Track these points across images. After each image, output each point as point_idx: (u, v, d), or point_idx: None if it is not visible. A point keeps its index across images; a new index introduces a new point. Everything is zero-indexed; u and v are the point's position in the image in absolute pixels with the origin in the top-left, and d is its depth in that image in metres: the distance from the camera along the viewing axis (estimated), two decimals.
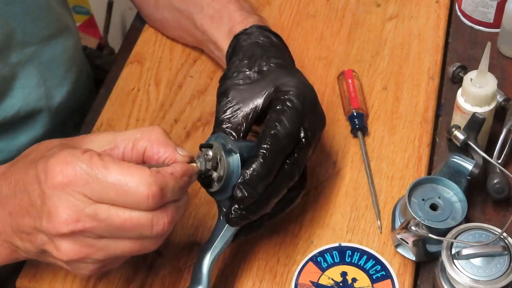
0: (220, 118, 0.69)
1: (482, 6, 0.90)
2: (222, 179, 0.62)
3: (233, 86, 0.71)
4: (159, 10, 0.90)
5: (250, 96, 0.70)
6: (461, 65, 0.86)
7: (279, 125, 0.65)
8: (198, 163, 0.61)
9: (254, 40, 0.74)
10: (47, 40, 0.85)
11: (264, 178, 0.63)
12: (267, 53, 0.73)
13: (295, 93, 0.67)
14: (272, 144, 0.64)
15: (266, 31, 0.75)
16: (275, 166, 0.64)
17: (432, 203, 0.71)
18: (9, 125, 0.83)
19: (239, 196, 0.62)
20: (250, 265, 0.72)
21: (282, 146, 0.65)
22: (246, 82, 0.71)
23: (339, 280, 0.70)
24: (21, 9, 0.80)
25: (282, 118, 0.65)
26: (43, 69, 0.85)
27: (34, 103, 0.84)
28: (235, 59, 0.73)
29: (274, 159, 0.64)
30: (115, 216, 0.56)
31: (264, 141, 0.64)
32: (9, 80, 0.81)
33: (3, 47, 0.79)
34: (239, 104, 0.69)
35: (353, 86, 0.84)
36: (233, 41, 0.76)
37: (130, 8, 1.51)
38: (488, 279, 0.63)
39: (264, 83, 0.70)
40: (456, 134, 0.72)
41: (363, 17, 0.94)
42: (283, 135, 0.65)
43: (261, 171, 0.63)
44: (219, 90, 0.72)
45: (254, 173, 0.63)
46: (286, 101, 0.67)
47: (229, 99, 0.70)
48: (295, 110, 0.66)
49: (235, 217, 0.64)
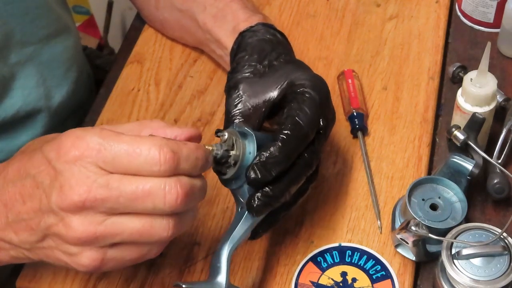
0: (231, 113, 0.68)
1: (482, 6, 0.90)
2: (238, 160, 0.61)
3: (243, 79, 0.70)
4: (159, 11, 0.90)
5: (261, 89, 0.69)
6: (461, 65, 0.86)
7: (301, 113, 0.64)
8: (214, 146, 0.60)
9: (261, 37, 0.74)
10: (46, 40, 0.85)
11: (281, 163, 0.62)
12: (276, 49, 0.72)
13: (310, 86, 0.67)
14: (293, 130, 0.63)
15: (272, 29, 0.75)
16: (294, 153, 0.64)
17: (432, 203, 0.71)
18: (9, 125, 0.83)
19: (251, 177, 0.61)
20: (250, 265, 0.72)
21: (303, 134, 0.64)
22: (257, 76, 0.70)
23: (339, 280, 0.70)
24: (20, 9, 0.80)
25: (303, 107, 0.65)
26: (42, 69, 0.85)
27: (34, 103, 0.84)
28: (243, 54, 0.72)
29: (293, 145, 0.63)
30: (127, 184, 0.54)
31: (285, 127, 0.63)
32: (8, 80, 0.81)
33: (2, 47, 0.79)
34: (250, 97, 0.68)
35: (353, 86, 0.84)
36: (238, 38, 0.75)
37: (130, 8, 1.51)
38: (488, 279, 0.63)
39: (276, 77, 0.69)
40: (456, 134, 0.72)
41: (363, 17, 0.94)
42: (305, 123, 0.64)
43: (278, 155, 0.62)
44: (229, 84, 0.71)
45: (271, 156, 0.62)
46: (304, 93, 0.66)
47: (239, 93, 0.69)
48: (313, 100, 0.66)
49: (258, 205, 0.62)
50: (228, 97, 0.69)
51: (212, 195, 0.77)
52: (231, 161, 0.61)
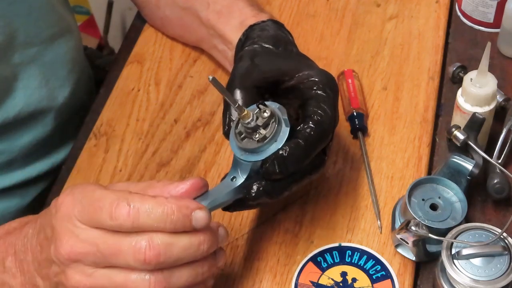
0: (236, 75, 0.68)
1: (482, 6, 0.90)
2: (264, 140, 0.61)
3: (256, 50, 0.70)
4: (161, 9, 0.90)
5: (273, 61, 0.69)
6: (461, 65, 0.86)
7: (323, 113, 0.64)
8: (251, 112, 0.61)
9: (273, 32, 0.74)
10: (50, 40, 0.85)
11: (300, 162, 0.63)
12: (288, 44, 0.73)
13: (327, 84, 0.67)
14: (316, 130, 0.63)
15: (283, 27, 0.75)
16: (314, 153, 0.64)
17: (432, 203, 0.71)
18: (11, 126, 0.83)
19: (270, 170, 0.61)
20: (250, 265, 0.72)
21: (325, 134, 0.64)
22: (272, 53, 0.70)
23: (339, 280, 0.70)
24: (23, 9, 0.80)
25: (324, 106, 0.65)
26: (45, 70, 0.85)
27: (36, 104, 0.84)
28: (256, 39, 0.72)
29: (315, 145, 0.64)
30: (104, 240, 0.57)
31: (309, 127, 0.63)
32: (11, 80, 0.81)
33: (5, 47, 0.79)
34: (260, 66, 0.68)
35: (353, 86, 0.84)
36: (247, 30, 0.75)
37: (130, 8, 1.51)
38: (488, 279, 0.63)
39: (291, 60, 0.69)
40: (456, 134, 0.72)
41: (363, 17, 0.94)
42: (326, 124, 0.64)
43: (300, 153, 0.62)
44: (241, 53, 0.71)
45: (293, 153, 0.62)
46: (321, 91, 0.66)
47: (250, 61, 0.69)
48: (331, 99, 0.66)
49: (255, 195, 0.63)
50: (237, 61, 0.69)
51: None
52: (255, 137, 0.62)
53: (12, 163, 0.86)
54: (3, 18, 0.78)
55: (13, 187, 0.87)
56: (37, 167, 0.89)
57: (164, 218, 0.56)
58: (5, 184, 0.86)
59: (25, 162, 0.87)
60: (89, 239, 0.57)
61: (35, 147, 0.87)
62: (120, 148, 0.83)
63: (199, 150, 0.82)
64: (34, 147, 0.87)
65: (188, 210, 0.57)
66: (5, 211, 0.86)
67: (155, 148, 0.83)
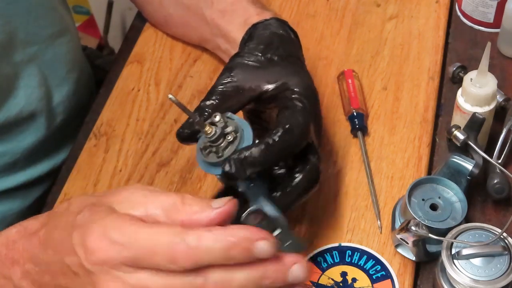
0: (215, 87, 0.67)
1: (482, 6, 0.90)
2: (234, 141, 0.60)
3: (240, 64, 0.69)
4: (164, 7, 0.89)
5: (254, 78, 0.68)
6: (461, 65, 0.86)
7: (294, 121, 0.63)
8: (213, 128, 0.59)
9: (274, 31, 0.73)
10: (50, 39, 0.85)
11: (257, 165, 0.60)
12: (284, 46, 0.72)
13: (304, 94, 0.66)
14: (283, 137, 0.62)
15: (287, 26, 0.75)
16: (274, 158, 0.62)
17: (432, 203, 0.71)
18: (13, 125, 0.83)
19: (225, 170, 0.60)
20: None
21: (292, 143, 0.63)
22: (255, 65, 0.70)
23: (339, 280, 0.70)
24: (23, 8, 0.80)
25: (297, 115, 0.64)
26: (44, 69, 0.85)
27: (36, 103, 0.84)
28: (251, 43, 0.72)
29: (277, 152, 0.62)
30: (152, 282, 0.51)
31: (276, 132, 0.62)
32: (12, 79, 0.81)
33: (6, 46, 0.79)
34: (239, 82, 0.68)
35: (353, 86, 0.84)
36: (250, 29, 0.75)
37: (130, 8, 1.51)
38: (488, 279, 0.63)
39: (271, 72, 0.69)
40: (456, 134, 0.72)
41: (363, 17, 0.94)
42: (295, 132, 0.63)
43: (257, 157, 0.60)
44: (227, 65, 0.70)
45: (250, 156, 0.60)
46: (297, 100, 0.65)
47: (232, 74, 0.68)
48: (306, 110, 0.65)
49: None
50: (220, 76, 0.69)
51: (212, 195, 0.77)
52: (220, 148, 0.60)
53: (15, 165, 0.86)
54: (2, 17, 0.78)
55: (15, 188, 0.87)
56: (39, 168, 0.89)
57: (223, 254, 0.51)
58: (8, 185, 0.86)
59: (27, 163, 0.87)
60: (140, 282, 0.51)
61: (37, 147, 0.87)
62: (120, 148, 0.83)
63: None
64: (36, 147, 0.87)
65: (249, 243, 0.51)
66: (7, 212, 0.86)
67: (155, 148, 0.83)
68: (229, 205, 0.53)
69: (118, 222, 0.52)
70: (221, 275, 0.51)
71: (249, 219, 0.58)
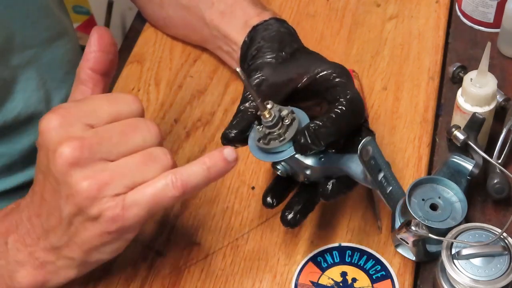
0: (246, 95, 0.68)
1: (482, 6, 0.90)
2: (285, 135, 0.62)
3: (266, 64, 0.70)
4: (164, 9, 0.89)
5: (285, 73, 0.68)
6: (461, 65, 0.86)
7: (351, 92, 0.64)
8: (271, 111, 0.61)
9: (278, 29, 0.74)
10: (47, 42, 0.85)
11: (331, 134, 0.62)
12: (294, 41, 0.73)
13: (340, 72, 0.67)
14: (349, 106, 0.63)
15: (285, 24, 0.75)
16: (346, 127, 0.64)
17: (432, 203, 0.71)
18: (10, 128, 0.83)
19: (302, 142, 0.61)
20: (250, 265, 0.72)
21: (359, 110, 0.64)
22: (279, 62, 0.70)
23: (339, 280, 0.70)
24: (20, 12, 0.80)
25: (350, 88, 0.65)
26: (42, 72, 0.85)
27: (34, 106, 0.84)
28: (262, 44, 0.72)
29: (347, 120, 0.63)
30: (114, 127, 0.57)
31: (340, 103, 0.63)
32: (9, 83, 0.81)
33: (3, 50, 0.79)
34: (271, 79, 0.68)
35: None
36: (251, 31, 0.75)
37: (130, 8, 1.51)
38: (488, 279, 0.63)
39: (299, 64, 0.69)
40: (456, 134, 0.72)
41: (363, 17, 0.94)
42: (357, 100, 0.64)
43: (331, 126, 0.62)
44: (250, 68, 0.70)
45: (323, 125, 0.62)
46: (339, 78, 0.66)
47: (260, 74, 0.69)
48: (352, 84, 0.66)
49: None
50: (249, 78, 0.69)
51: (212, 195, 0.77)
52: (281, 131, 0.62)
53: (12, 166, 0.86)
54: (0, 21, 0.78)
55: (12, 190, 0.87)
56: None
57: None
58: (5, 187, 0.86)
59: (24, 165, 0.87)
60: (99, 131, 0.57)
61: (34, 149, 0.87)
62: None
63: (199, 150, 0.82)
64: (33, 149, 0.87)
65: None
66: None
67: None
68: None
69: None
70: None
71: (362, 152, 0.60)
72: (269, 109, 0.61)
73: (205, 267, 0.72)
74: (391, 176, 0.63)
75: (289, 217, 0.66)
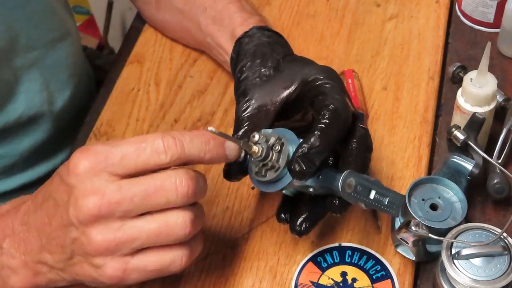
0: (240, 117, 0.68)
1: (482, 6, 0.90)
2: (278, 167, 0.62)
3: (251, 85, 0.70)
4: (161, 12, 0.89)
5: (271, 91, 0.69)
6: (461, 65, 0.86)
7: (333, 100, 0.64)
8: (257, 146, 0.61)
9: (258, 42, 0.74)
10: (51, 44, 0.85)
11: (323, 152, 0.62)
12: (276, 50, 0.72)
13: (326, 77, 0.66)
14: (332, 118, 0.63)
15: (267, 31, 0.75)
16: (335, 139, 0.63)
17: (432, 203, 0.71)
18: (12, 130, 0.83)
19: (297, 169, 0.61)
20: (250, 265, 0.72)
21: (342, 119, 0.64)
22: (263, 79, 0.70)
23: (339, 280, 0.70)
24: (25, 13, 0.80)
25: (332, 95, 0.64)
26: (46, 74, 0.85)
27: (37, 107, 0.84)
28: (244, 62, 0.72)
29: (334, 132, 0.63)
30: (138, 184, 0.56)
31: (323, 117, 0.63)
32: (12, 84, 0.81)
33: (7, 51, 0.79)
34: (259, 101, 0.68)
35: (353, 86, 0.84)
36: (235, 46, 0.75)
37: (130, 8, 1.51)
38: (488, 279, 0.63)
39: (284, 77, 0.69)
40: (456, 134, 0.72)
41: (363, 17, 0.94)
42: (340, 109, 0.63)
43: (319, 144, 0.61)
44: (237, 93, 0.71)
45: (312, 146, 0.61)
46: (324, 84, 0.66)
47: (248, 97, 0.69)
48: (337, 88, 0.65)
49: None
50: (237, 104, 0.70)
51: (212, 195, 0.77)
52: (273, 161, 0.62)
53: (13, 167, 0.86)
54: (4, 23, 0.78)
55: (13, 190, 0.87)
56: (37, 170, 0.89)
57: (204, 146, 0.58)
58: (6, 188, 0.86)
59: (25, 166, 0.87)
60: (122, 188, 0.55)
61: (35, 150, 0.87)
62: None
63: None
64: (34, 150, 0.87)
65: (220, 140, 0.59)
66: None
67: None
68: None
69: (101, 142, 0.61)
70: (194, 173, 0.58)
71: (345, 188, 0.61)
72: (256, 143, 0.62)
73: (205, 267, 0.72)
74: (383, 189, 0.63)
75: (297, 225, 0.66)
